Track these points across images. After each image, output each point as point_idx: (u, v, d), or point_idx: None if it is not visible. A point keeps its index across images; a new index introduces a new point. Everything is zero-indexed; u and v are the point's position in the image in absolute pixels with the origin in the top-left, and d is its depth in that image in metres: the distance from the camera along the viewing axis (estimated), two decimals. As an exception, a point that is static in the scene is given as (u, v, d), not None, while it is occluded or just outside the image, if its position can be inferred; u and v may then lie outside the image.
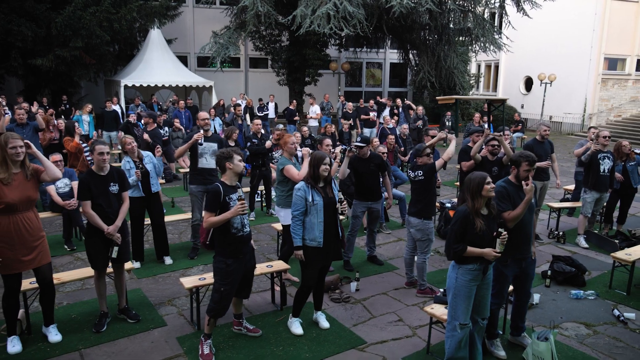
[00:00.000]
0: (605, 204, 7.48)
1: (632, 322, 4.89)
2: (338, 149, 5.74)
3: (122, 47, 20.18)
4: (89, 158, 7.84)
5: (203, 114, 6.15)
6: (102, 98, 21.45)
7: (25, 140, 3.98)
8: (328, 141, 5.78)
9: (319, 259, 4.39)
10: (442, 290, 5.35)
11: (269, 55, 21.97)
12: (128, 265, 4.83)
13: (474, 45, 19.96)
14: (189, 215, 7.41)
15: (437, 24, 17.83)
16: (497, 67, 26.62)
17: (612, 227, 7.76)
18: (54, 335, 4.32)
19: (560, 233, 7.44)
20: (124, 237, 4.50)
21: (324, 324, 4.63)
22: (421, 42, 20.32)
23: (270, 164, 7.87)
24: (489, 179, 3.64)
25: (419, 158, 5.30)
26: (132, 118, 10.23)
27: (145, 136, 7.77)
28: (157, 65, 18.92)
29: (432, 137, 6.24)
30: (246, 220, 4.10)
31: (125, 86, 17.81)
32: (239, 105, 13.63)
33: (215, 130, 13.54)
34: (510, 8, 18.73)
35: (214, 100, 19.14)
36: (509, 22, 18.10)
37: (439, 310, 4.17)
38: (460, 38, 20.70)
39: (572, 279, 5.74)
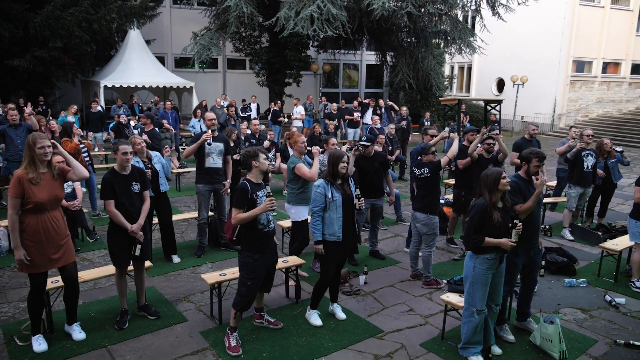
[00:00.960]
0: (587, 198, 7.92)
1: (623, 307, 5.27)
2: (345, 147, 5.95)
3: (100, 48, 19.88)
4: (86, 158, 7.81)
5: (210, 115, 6.26)
6: (79, 99, 21.12)
7: (52, 140, 4.03)
8: (334, 140, 5.98)
9: (338, 253, 4.59)
10: (445, 281, 5.66)
11: (249, 57, 22.03)
12: (146, 263, 4.91)
13: (450, 48, 20.49)
14: (187, 214, 7.52)
15: (415, 26, 18.25)
16: (470, 68, 27.35)
17: (593, 220, 8.21)
18: (77, 333, 4.37)
19: (547, 227, 7.85)
20: (145, 236, 4.58)
21: (341, 315, 4.83)
22: (399, 44, 20.74)
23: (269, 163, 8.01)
24: (504, 174, 3.92)
25: (425, 156, 5.56)
26: (123, 119, 10.18)
27: (144, 137, 7.77)
28: (136, 66, 18.73)
29: (432, 136, 6.52)
30: (271, 217, 4.25)
31: (105, 87, 17.56)
32: (232, 105, 13.67)
33: (201, 131, 13.55)
34: (485, 12, 19.32)
35: (195, 101, 19.09)
36: (484, 26, 18.68)
37: (455, 298, 4.42)
38: (435, 40, 21.22)
39: (564, 269, 6.10)
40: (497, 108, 12.36)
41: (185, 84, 19.51)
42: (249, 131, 8.42)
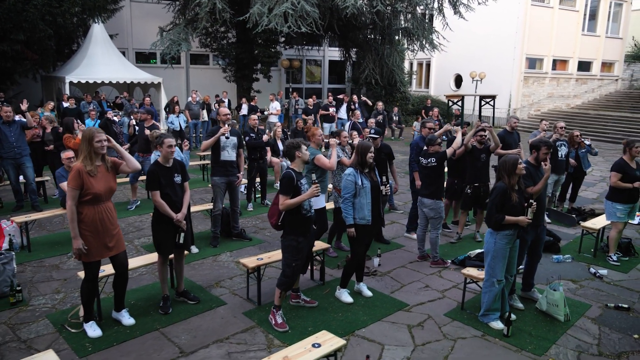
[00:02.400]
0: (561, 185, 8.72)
1: (606, 277, 5.99)
2: (357, 141, 6.34)
3: (62, 43, 19.28)
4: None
5: (224, 110, 6.50)
6: (40, 95, 20.40)
7: (106, 135, 4.22)
8: (345, 133, 6.38)
9: (367, 235, 5.02)
10: (449, 261, 6.22)
11: (216, 52, 21.97)
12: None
13: (413, 45, 21.26)
14: (194, 207, 7.71)
15: (383, 24, 18.87)
16: (428, 65, 28.38)
17: (564, 205, 9.03)
18: (127, 318, 4.58)
19: (526, 211, 8.58)
20: (187, 224, 4.83)
21: (367, 292, 5.27)
22: (364, 41, 21.33)
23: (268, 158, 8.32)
24: (520, 160, 4.46)
25: (431, 147, 6.07)
26: (110, 115, 10.14)
27: (147, 132, 7.89)
28: (101, 61, 18.29)
29: (430, 129, 7.05)
30: (312, 203, 4.61)
31: (71, 83, 17.11)
32: (223, 101, 13.75)
33: (180, 127, 13.61)
34: (446, 10, 20.18)
35: (164, 97, 18.92)
36: (447, 24, 19.56)
37: (475, 272, 4.96)
38: (397, 37, 21.96)
39: (550, 247, 6.78)
40: (492, 103, 13.03)
41: (153, 80, 19.25)
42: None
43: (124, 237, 6.72)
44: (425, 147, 6.21)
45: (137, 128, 10.23)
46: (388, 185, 5.03)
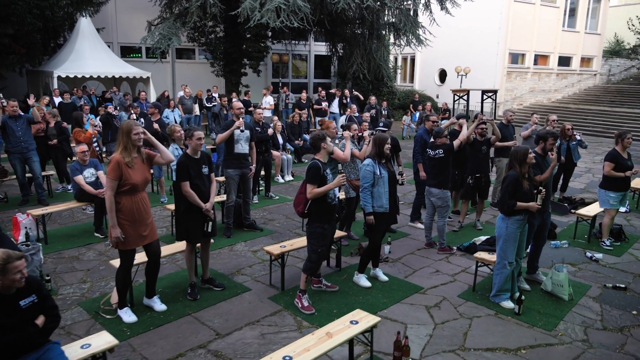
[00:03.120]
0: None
1: (601, 261, 6.38)
2: (367, 133, 6.60)
3: (48, 37, 19.03)
4: (97, 148, 7.92)
5: (238, 104, 6.68)
6: (25, 89, 20.09)
7: (142, 128, 4.39)
8: (355, 126, 6.63)
9: (385, 222, 5.29)
10: (455, 247, 6.54)
11: (204, 47, 21.93)
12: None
13: (399, 40, 21.57)
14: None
15: (372, 19, 19.13)
16: (413, 59, 28.77)
17: (555, 194, 9.46)
18: (159, 304, 4.77)
19: (520, 200, 8.98)
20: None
21: (383, 277, 5.55)
22: (352, 36, 21.56)
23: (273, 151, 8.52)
24: (531, 151, 4.78)
25: (438, 139, 6.36)
26: (111, 109, 10.18)
27: (155, 126, 8.02)
28: (89, 56, 18.15)
29: (433, 122, 7.34)
30: (337, 192, 4.85)
31: (59, 77, 16.95)
32: (224, 95, 13.83)
33: (175, 121, 13.67)
34: (433, 6, 20.53)
35: (152, 92, 18.87)
36: (434, 19, 19.93)
37: (486, 255, 5.28)
38: (384, 32, 22.25)
39: (548, 233, 7.12)
40: (493, 97, 13.38)
41: (141, 74, 19.18)
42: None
43: None
44: (432, 140, 6.51)
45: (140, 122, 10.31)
46: (404, 174, 5.30)
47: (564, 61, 26.12)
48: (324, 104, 15.39)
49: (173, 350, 4.10)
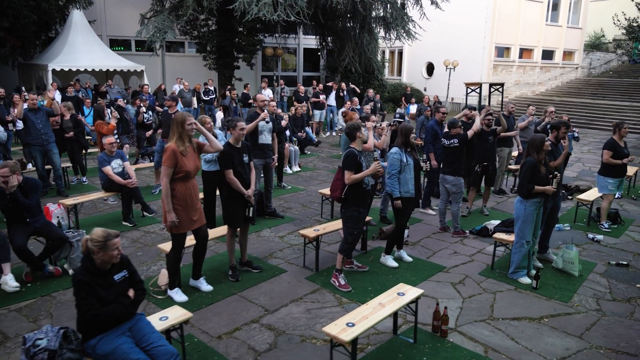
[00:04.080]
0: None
1: (602, 241, 6.89)
2: (385, 124, 6.97)
3: (38, 29, 18.86)
4: (117, 140, 8.12)
5: (262, 96, 6.97)
6: (16, 83, 19.89)
7: (194, 120, 4.67)
8: (374, 117, 6.99)
9: (411, 206, 5.68)
10: (468, 231, 6.97)
11: (197, 40, 21.99)
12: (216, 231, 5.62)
13: (389, 34, 21.94)
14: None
15: (365, 13, 19.45)
16: (400, 53, 29.22)
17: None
18: (205, 285, 5.08)
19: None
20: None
21: (408, 258, 5.95)
22: (343, 30, 21.86)
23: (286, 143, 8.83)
24: (547, 139, 5.21)
25: (453, 129, 6.77)
26: (121, 102, 10.33)
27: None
28: (83, 49, 18.09)
29: (443, 113, 7.75)
30: (371, 180, 5.20)
31: (54, 70, 16.88)
32: (233, 89, 14.02)
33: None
34: (424, 0, 20.94)
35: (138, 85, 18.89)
36: (424, 14, 20.37)
37: (504, 236, 5.71)
38: (374, 26, 22.61)
39: (550, 217, 7.65)
40: (500, 90, 13.84)
41: (135, 67, 19.20)
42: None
43: (151, 219, 7.24)
44: (447, 130, 6.91)
45: (146, 115, 10.50)
46: (428, 162, 5.69)
47: (547, 55, 26.88)
48: (322, 97, 15.70)
49: (229, 325, 4.43)
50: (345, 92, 16.44)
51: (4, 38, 15.40)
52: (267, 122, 6.83)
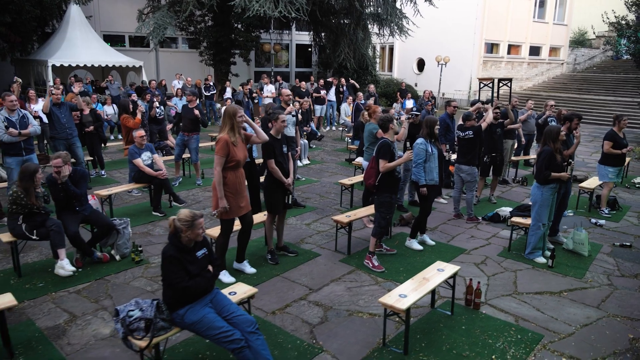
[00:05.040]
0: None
1: (605, 226, 7.41)
2: (404, 117, 7.37)
3: (37, 25, 18.84)
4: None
5: (286, 91, 7.33)
6: (11, 78, 19.81)
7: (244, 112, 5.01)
8: (393, 110, 7.39)
9: (435, 193, 6.11)
10: (480, 218, 7.42)
11: (193, 36, 22.12)
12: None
13: (383, 30, 22.32)
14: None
15: (362, 9, 19.82)
16: (391, 49, 29.68)
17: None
18: (249, 268, 5.43)
19: (521, 178, 10.02)
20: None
21: (431, 242, 6.38)
22: (338, 26, 22.19)
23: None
24: (562, 129, 5.67)
25: (468, 122, 7.21)
26: (134, 97, 10.55)
27: (196, 112, 8.53)
28: (82, 44, 18.16)
29: (455, 107, 8.19)
30: (401, 167, 5.61)
31: (53, 66, 16.92)
32: (246, 84, 14.26)
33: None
34: (417, -2, 21.38)
35: (146, 81, 19.01)
36: (418, 10, 20.82)
37: (521, 220, 6.18)
38: (368, 22, 22.98)
39: (554, 204, 8.16)
40: (508, 84, 14.29)
41: (133, 63, 19.31)
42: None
43: (189, 207, 7.53)
44: (461, 122, 7.35)
45: (158, 110, 10.74)
46: (451, 152, 6.12)
47: (534, 51, 27.62)
48: (322, 92, 16.06)
49: (280, 302, 4.80)
50: (345, 88, 16.82)
51: (5, 34, 15.39)
52: (293, 116, 7.17)
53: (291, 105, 7.15)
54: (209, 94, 16.97)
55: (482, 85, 16.64)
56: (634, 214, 8.04)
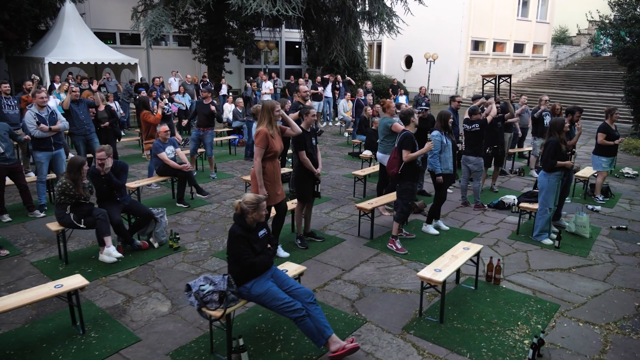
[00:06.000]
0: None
1: (600, 211, 7.99)
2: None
3: (32, 22, 18.79)
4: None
5: (304, 87, 7.71)
6: (5, 75, 19.74)
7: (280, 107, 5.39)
8: (404, 106, 7.83)
9: (450, 181, 6.58)
10: (486, 205, 7.93)
11: (187, 33, 22.28)
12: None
13: (373, 28, 22.78)
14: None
15: (355, 7, 20.25)
16: (379, 46, 30.18)
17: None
18: (282, 252, 5.82)
19: (518, 169, 10.58)
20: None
21: (445, 227, 6.86)
22: (330, 24, 22.59)
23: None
24: (567, 121, 6.19)
25: (474, 115, 7.70)
26: (144, 94, 10.79)
27: (213, 108, 8.85)
28: (77, 42, 18.18)
29: (459, 102, 8.67)
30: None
31: (50, 64, 16.96)
32: (254, 80, 14.55)
33: (186, 107, 14.37)
34: (406, -4, 21.88)
35: (139, 78, 19.15)
36: (409, 9, 21.34)
37: (529, 205, 6.68)
38: (359, 20, 23.43)
39: (552, 193, 8.71)
40: (508, 80, 14.87)
41: (129, 61, 19.42)
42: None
43: (212, 197, 7.90)
44: (467, 116, 7.84)
45: (166, 107, 11.01)
46: (462, 143, 6.60)
47: (518, 48, 28.44)
48: (320, 89, 16.45)
49: (317, 282, 5.21)
50: (341, 84, 17.24)
51: (4, 31, 15.40)
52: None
53: (309, 100, 7.54)
54: (206, 91, 17.20)
55: (485, 81, 17.39)
56: (625, 201, 8.64)
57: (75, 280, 4.20)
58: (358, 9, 22.04)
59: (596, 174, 8.69)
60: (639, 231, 7.03)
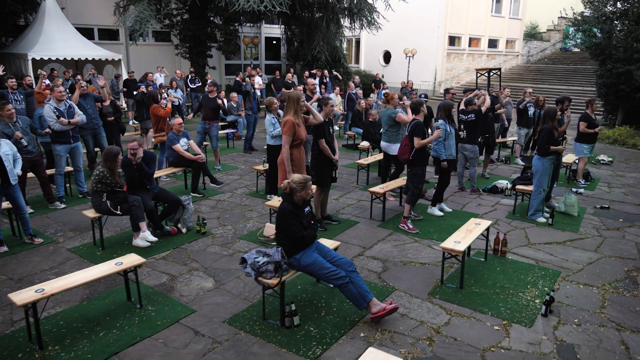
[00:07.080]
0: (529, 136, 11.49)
1: (584, 193, 8.71)
2: (408, 102, 8.33)
3: (15, 19, 18.55)
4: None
5: (312, 80, 8.14)
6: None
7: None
8: (371, 100, 8.34)
9: (453, 167, 7.14)
10: (481, 190, 8.54)
11: (170, 29, 22.29)
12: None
13: (354, 24, 23.30)
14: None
15: (338, 4, 20.69)
16: (358, 42, 30.74)
17: (529, 152, 11.85)
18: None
19: (504, 158, 11.29)
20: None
21: (448, 209, 7.43)
22: (311, 20, 22.98)
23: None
24: (558, 110, 6.82)
25: (469, 106, 8.30)
26: (143, 89, 11.00)
27: (219, 101, 9.19)
28: (59, 37, 18.08)
29: (453, 94, 9.26)
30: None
31: (33, 60, 16.84)
32: (253, 75, 14.78)
33: (179, 102, 14.58)
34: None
35: (124, 74, 19.14)
36: (389, 5, 21.93)
37: (524, 187, 7.31)
38: (340, 16, 23.90)
39: (538, 178, 9.40)
40: (498, 73, 15.53)
41: (113, 56, 19.39)
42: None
43: (225, 187, 8.27)
44: (463, 107, 8.43)
45: (164, 101, 11.24)
46: (465, 131, 7.18)
47: (492, 43, 29.44)
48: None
49: (343, 258, 5.67)
50: (328, 79, 17.69)
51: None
52: (281, 108, 7.99)
53: (317, 94, 7.98)
54: (194, 87, 17.43)
55: (478, 74, 18.30)
56: (604, 184, 9.41)
57: (133, 259, 4.55)
58: (340, 5, 22.48)
59: (577, 160, 9.43)
60: (619, 210, 7.76)
